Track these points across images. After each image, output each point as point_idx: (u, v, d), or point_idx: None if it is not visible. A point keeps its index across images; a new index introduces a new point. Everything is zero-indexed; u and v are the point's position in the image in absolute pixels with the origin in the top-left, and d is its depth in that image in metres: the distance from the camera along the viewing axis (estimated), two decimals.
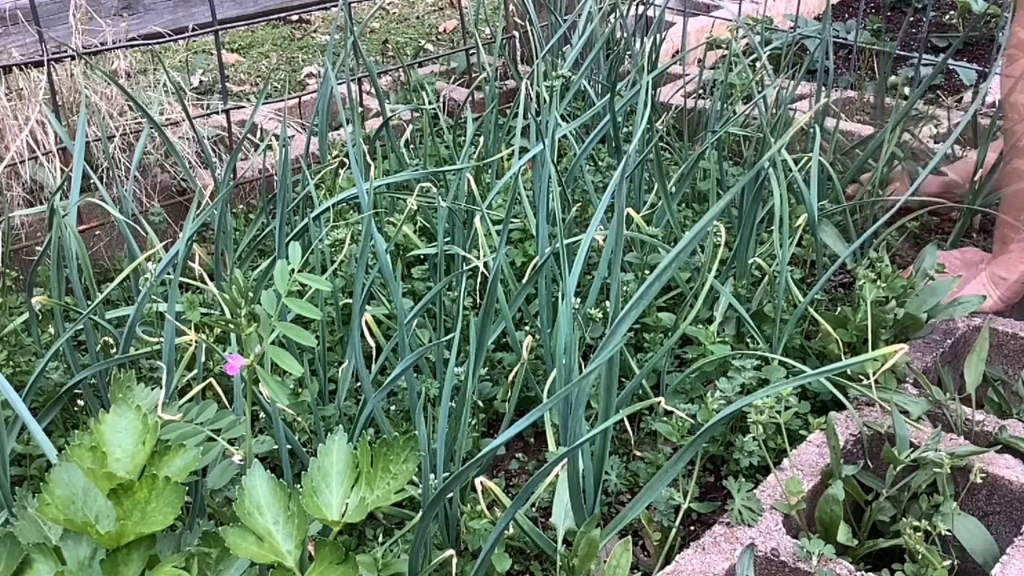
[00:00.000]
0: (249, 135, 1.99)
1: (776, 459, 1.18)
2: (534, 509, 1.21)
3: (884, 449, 1.15)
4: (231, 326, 0.92)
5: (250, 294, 0.92)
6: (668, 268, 1.05)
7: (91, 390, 1.31)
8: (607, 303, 1.31)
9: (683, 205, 1.73)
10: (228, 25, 2.05)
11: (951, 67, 2.54)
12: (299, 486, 0.86)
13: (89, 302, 1.27)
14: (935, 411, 1.25)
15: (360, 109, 1.94)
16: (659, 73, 1.92)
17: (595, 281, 1.30)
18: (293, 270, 0.94)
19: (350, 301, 1.36)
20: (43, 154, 1.68)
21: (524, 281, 1.31)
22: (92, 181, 1.48)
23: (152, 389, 1.03)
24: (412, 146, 2.01)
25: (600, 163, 1.90)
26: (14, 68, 1.69)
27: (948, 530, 1.06)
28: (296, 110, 2.21)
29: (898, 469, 1.12)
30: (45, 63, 1.60)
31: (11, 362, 1.34)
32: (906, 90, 2.06)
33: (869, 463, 1.16)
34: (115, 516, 0.80)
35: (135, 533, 0.80)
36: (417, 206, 1.59)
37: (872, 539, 1.12)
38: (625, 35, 2.15)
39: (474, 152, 1.73)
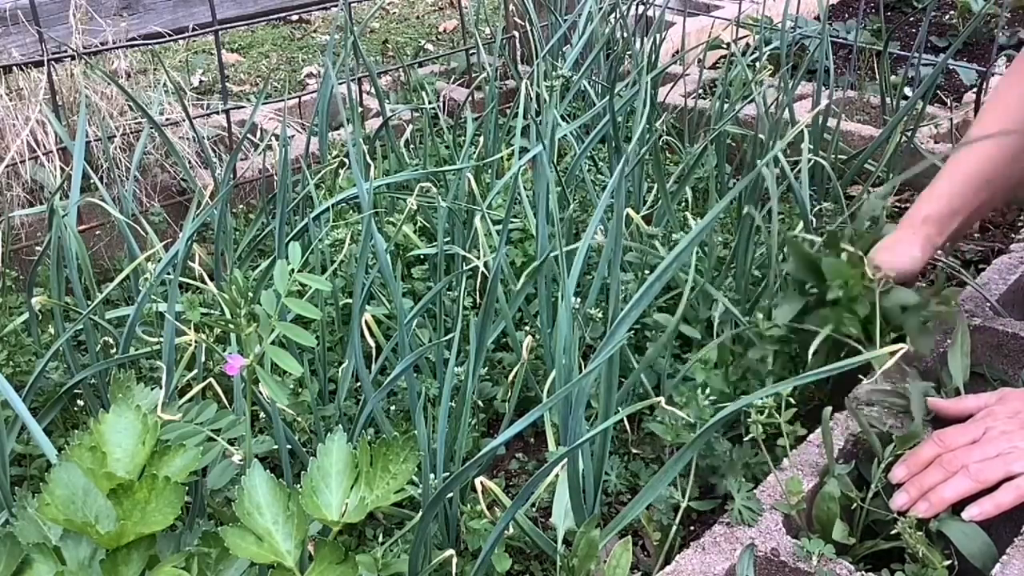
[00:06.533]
0: (249, 135, 1.99)
1: (776, 459, 1.18)
2: (534, 509, 1.21)
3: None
4: (231, 326, 0.92)
5: (250, 294, 0.92)
6: (668, 269, 1.05)
7: (91, 390, 1.31)
8: (607, 303, 1.31)
9: (683, 204, 1.73)
10: (228, 25, 2.05)
11: (951, 67, 2.54)
12: (299, 486, 0.86)
13: (89, 302, 1.27)
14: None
15: (360, 109, 1.95)
16: (659, 73, 1.92)
17: (595, 281, 1.30)
18: (293, 270, 0.94)
19: (350, 301, 1.36)
20: (43, 154, 1.68)
21: (524, 281, 1.31)
22: (92, 181, 1.48)
23: (152, 389, 1.03)
24: (412, 146, 2.01)
25: (600, 163, 1.90)
26: (14, 68, 1.69)
27: (941, 531, 1.07)
28: (296, 110, 2.21)
29: (883, 467, 1.13)
30: (45, 63, 1.60)
31: (11, 362, 1.34)
32: (907, 90, 2.06)
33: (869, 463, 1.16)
34: (115, 516, 0.80)
35: (135, 533, 0.80)
36: (417, 206, 1.59)
37: (871, 539, 1.12)
38: (625, 35, 2.15)
39: (474, 152, 1.73)
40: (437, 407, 1.10)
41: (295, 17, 3.49)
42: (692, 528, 1.20)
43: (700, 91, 2.15)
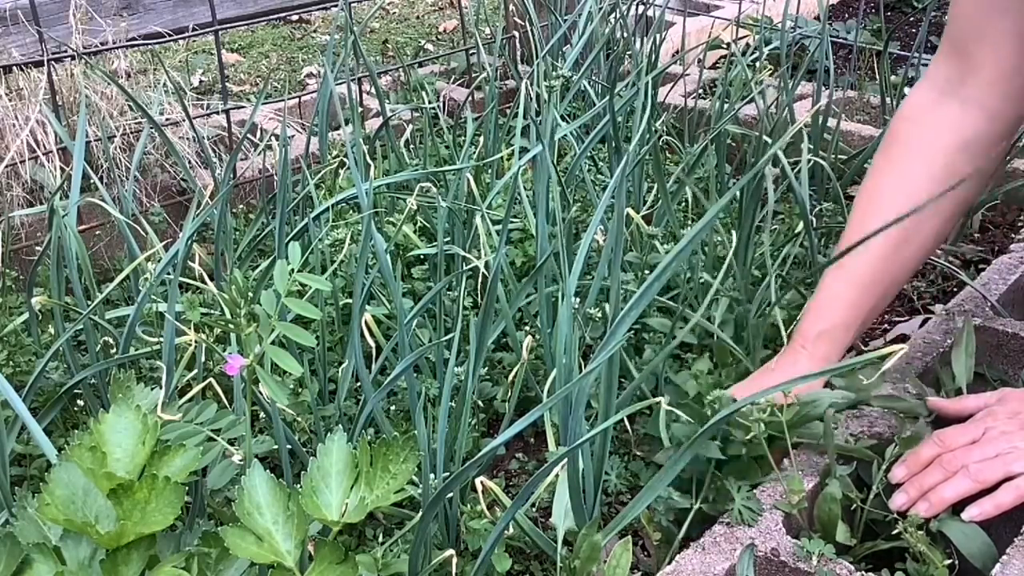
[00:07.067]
0: (249, 135, 1.99)
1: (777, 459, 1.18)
2: (534, 509, 1.21)
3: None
4: (231, 326, 0.92)
5: (250, 294, 0.92)
6: (668, 269, 1.05)
7: (91, 390, 1.31)
8: (607, 303, 1.31)
9: (683, 204, 1.73)
10: (228, 25, 2.05)
11: None
12: (299, 486, 0.86)
13: (89, 302, 1.27)
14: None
15: (360, 109, 1.94)
16: (659, 73, 1.92)
17: (595, 281, 1.30)
18: (293, 270, 0.94)
19: (350, 301, 1.36)
20: (43, 154, 1.68)
21: (523, 280, 1.31)
22: (92, 181, 1.48)
23: (152, 389, 1.03)
24: (412, 146, 2.01)
25: (600, 163, 1.90)
26: (14, 68, 1.69)
27: (941, 531, 1.07)
28: (296, 110, 2.21)
29: (884, 468, 1.13)
30: (45, 63, 1.60)
31: (11, 362, 1.34)
32: (906, 90, 2.05)
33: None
34: (115, 516, 0.80)
35: (135, 533, 0.80)
36: (417, 206, 1.59)
37: (870, 539, 1.12)
38: (625, 35, 2.15)
39: (474, 152, 1.73)
40: (437, 407, 1.10)
41: (295, 17, 3.49)
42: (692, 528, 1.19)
43: (700, 91, 2.15)
